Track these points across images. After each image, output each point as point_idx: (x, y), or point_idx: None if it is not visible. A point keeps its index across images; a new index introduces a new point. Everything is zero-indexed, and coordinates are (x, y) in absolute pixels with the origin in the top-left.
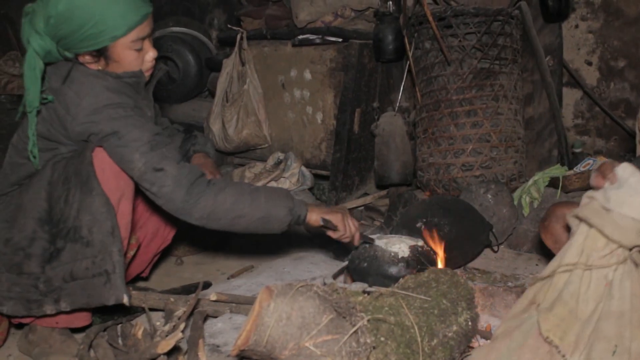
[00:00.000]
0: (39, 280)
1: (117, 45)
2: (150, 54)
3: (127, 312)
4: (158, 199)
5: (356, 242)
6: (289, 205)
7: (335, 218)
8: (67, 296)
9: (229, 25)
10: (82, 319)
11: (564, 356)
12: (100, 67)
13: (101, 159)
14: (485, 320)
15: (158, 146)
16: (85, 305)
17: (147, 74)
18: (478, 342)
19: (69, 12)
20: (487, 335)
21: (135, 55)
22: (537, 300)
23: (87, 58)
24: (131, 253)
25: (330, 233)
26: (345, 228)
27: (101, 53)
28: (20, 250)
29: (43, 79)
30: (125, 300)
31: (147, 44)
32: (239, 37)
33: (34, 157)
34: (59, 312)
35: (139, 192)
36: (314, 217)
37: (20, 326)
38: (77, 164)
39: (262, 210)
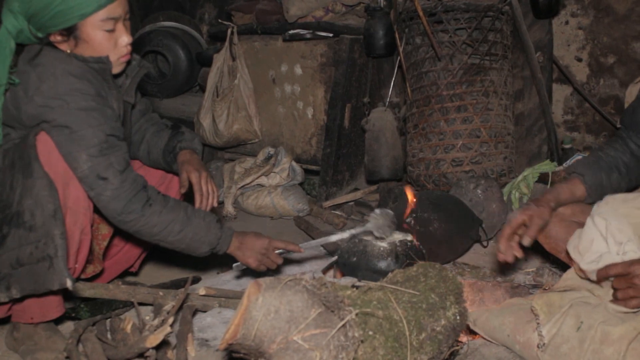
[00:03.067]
0: None
1: (86, 24)
2: (125, 39)
3: (115, 306)
4: (95, 202)
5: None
6: (212, 244)
7: (248, 261)
8: (16, 283)
9: (219, 20)
10: (53, 310)
11: (538, 323)
12: (70, 48)
13: (47, 142)
14: None
15: (107, 151)
16: (34, 292)
17: (123, 60)
18: (467, 337)
19: None
20: None
21: (106, 36)
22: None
23: (58, 38)
24: (103, 244)
25: None
26: (260, 267)
27: (71, 32)
28: None
29: (16, 62)
30: (69, 284)
31: (121, 28)
32: (229, 31)
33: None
34: (12, 300)
35: None
36: (233, 254)
37: (2, 321)
38: (22, 148)
39: (185, 243)
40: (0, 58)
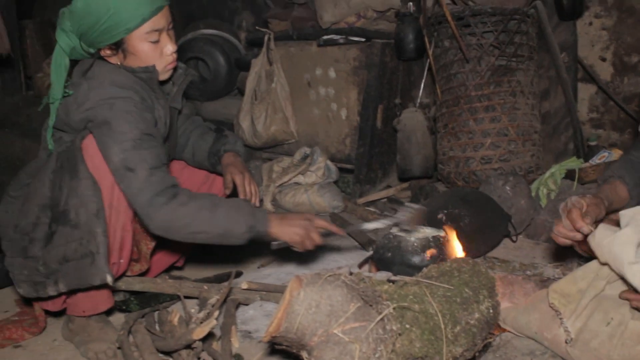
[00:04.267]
0: (39, 263)
1: (132, 38)
2: (169, 47)
3: (163, 299)
4: (126, 196)
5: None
6: (248, 222)
7: (292, 236)
8: (63, 277)
9: (257, 27)
10: (102, 302)
11: (561, 319)
12: (119, 61)
13: (92, 144)
14: None
15: (140, 147)
16: (78, 286)
17: (169, 68)
18: (498, 330)
19: (87, 7)
20: None
21: (152, 47)
22: None
23: (107, 52)
24: (151, 244)
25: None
26: (305, 243)
27: (119, 46)
28: (25, 235)
29: (70, 74)
30: (109, 280)
31: (165, 37)
32: (266, 38)
33: (50, 144)
34: (61, 294)
35: None
36: (275, 233)
37: (56, 314)
38: (70, 150)
39: (220, 227)
40: (56, 75)
